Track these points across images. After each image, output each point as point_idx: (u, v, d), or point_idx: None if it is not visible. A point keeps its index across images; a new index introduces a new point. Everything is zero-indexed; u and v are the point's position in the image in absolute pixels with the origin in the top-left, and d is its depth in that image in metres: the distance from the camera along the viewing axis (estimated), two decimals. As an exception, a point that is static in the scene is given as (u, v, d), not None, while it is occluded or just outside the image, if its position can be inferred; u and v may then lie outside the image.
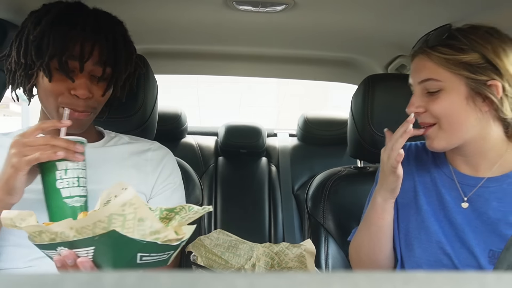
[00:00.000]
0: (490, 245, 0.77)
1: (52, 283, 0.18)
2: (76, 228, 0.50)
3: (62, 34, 0.77)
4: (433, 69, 0.77)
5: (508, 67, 0.75)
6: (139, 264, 0.51)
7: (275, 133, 2.07)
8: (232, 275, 0.19)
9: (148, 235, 0.49)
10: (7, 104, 11.48)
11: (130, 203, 0.48)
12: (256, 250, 0.96)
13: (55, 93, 0.79)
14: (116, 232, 0.48)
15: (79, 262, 0.52)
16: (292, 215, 1.71)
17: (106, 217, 0.48)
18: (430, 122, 0.78)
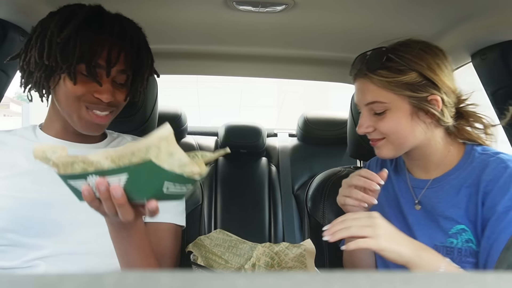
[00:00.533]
0: (434, 241, 0.84)
1: (52, 283, 0.18)
2: (112, 158, 0.54)
3: (90, 38, 0.77)
4: (377, 92, 0.82)
5: (444, 80, 0.81)
6: (164, 194, 0.56)
7: (275, 133, 2.07)
8: (232, 275, 0.19)
9: (176, 167, 0.54)
10: (7, 104, 11.49)
11: (166, 138, 0.53)
12: (256, 250, 0.96)
13: (78, 95, 0.80)
14: (152, 162, 0.53)
15: (112, 188, 0.55)
16: (292, 215, 1.71)
17: (145, 147, 0.53)
18: (379, 137, 0.85)
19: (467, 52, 1.13)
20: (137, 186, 0.56)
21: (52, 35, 0.77)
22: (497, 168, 0.79)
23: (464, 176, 0.83)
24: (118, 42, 0.80)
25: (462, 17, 1.00)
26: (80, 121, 0.83)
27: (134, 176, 0.55)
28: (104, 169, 0.55)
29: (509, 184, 0.76)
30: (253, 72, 1.66)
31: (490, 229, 0.77)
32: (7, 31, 0.97)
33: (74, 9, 0.80)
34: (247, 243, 1.05)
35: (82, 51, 0.77)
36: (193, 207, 1.05)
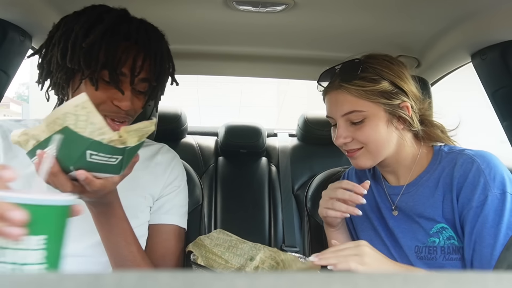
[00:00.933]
0: (415, 242, 0.87)
1: (52, 283, 0.18)
2: (44, 128, 0.57)
3: (115, 45, 0.76)
4: (355, 102, 0.85)
5: (411, 88, 0.87)
6: (90, 163, 0.58)
7: (275, 133, 2.06)
8: (232, 275, 0.19)
9: (96, 135, 0.57)
10: (7, 104, 11.50)
11: (82, 106, 0.55)
12: (261, 253, 0.96)
13: (97, 102, 0.78)
14: (69, 129, 0.56)
15: (44, 156, 0.57)
16: (292, 215, 1.71)
17: (62, 114, 0.55)
18: (357, 147, 0.87)
19: (467, 52, 1.13)
20: (63, 154, 0.58)
21: (77, 38, 0.75)
22: (465, 163, 0.82)
23: (436, 176, 0.86)
24: (143, 50, 0.79)
25: (462, 17, 1.00)
26: None
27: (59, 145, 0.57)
28: (41, 140, 0.58)
29: (478, 177, 0.79)
30: (253, 72, 1.66)
31: (470, 225, 0.79)
32: (7, 31, 0.97)
33: (100, 13, 0.78)
34: (247, 243, 1.05)
35: (106, 58, 0.75)
36: (193, 207, 1.05)
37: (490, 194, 0.77)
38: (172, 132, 1.81)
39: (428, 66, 1.31)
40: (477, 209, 0.78)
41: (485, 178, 0.78)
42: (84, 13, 0.79)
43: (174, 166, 0.97)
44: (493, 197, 0.77)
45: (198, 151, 1.86)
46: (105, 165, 0.60)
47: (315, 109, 1.94)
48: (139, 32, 0.79)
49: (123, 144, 0.59)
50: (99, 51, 0.75)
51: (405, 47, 1.27)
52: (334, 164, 1.32)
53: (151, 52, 0.80)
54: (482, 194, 0.78)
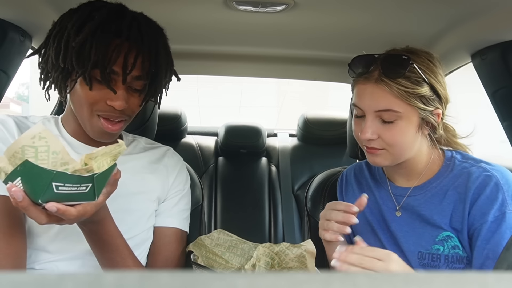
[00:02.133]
0: (419, 248, 0.85)
1: (52, 283, 0.18)
2: (7, 161, 0.56)
3: (106, 42, 0.73)
4: (393, 101, 0.79)
5: (447, 95, 0.83)
6: (59, 194, 0.56)
7: (275, 133, 2.06)
8: (232, 275, 0.19)
9: (59, 166, 0.55)
10: (7, 104, 11.49)
11: (39, 136, 0.54)
12: (256, 250, 0.96)
13: (91, 102, 0.76)
14: (29, 162, 0.54)
15: (13, 191, 0.56)
16: (292, 215, 1.71)
17: (20, 148, 0.54)
18: (380, 147, 0.83)
19: (467, 52, 1.13)
20: (29, 187, 0.56)
21: (69, 36, 0.73)
22: (481, 176, 0.79)
23: (446, 184, 0.84)
24: (135, 46, 0.76)
25: (462, 17, 1.00)
26: (92, 128, 0.80)
27: (23, 178, 0.56)
28: (8, 173, 0.56)
29: (496, 193, 0.77)
30: (253, 72, 1.66)
31: (483, 240, 0.77)
32: (7, 31, 0.96)
33: (93, 10, 0.76)
34: (247, 243, 1.05)
35: (98, 56, 0.73)
36: (193, 207, 1.05)
37: (508, 212, 0.76)
38: (172, 132, 1.81)
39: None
40: (493, 224, 0.76)
41: (504, 195, 0.77)
42: (78, 10, 0.77)
43: (180, 170, 0.97)
44: (510, 215, 0.76)
45: (198, 151, 1.86)
46: (76, 194, 0.58)
47: (315, 109, 1.95)
48: (131, 29, 0.75)
49: (89, 172, 0.57)
50: (90, 49, 0.72)
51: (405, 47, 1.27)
52: (334, 164, 1.32)
53: (144, 48, 0.76)
54: (499, 210, 0.76)
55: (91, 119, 0.78)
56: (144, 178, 0.89)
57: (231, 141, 1.82)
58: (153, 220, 0.91)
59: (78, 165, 0.56)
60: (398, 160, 0.85)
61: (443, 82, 0.83)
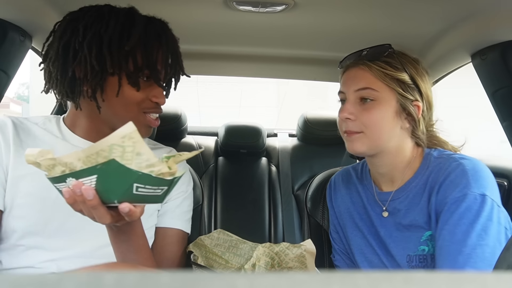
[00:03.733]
0: (407, 251, 0.84)
1: (52, 283, 0.18)
2: (82, 159, 0.54)
3: (151, 45, 0.80)
4: (372, 80, 0.83)
5: (427, 92, 0.86)
6: (136, 195, 0.55)
7: (275, 133, 2.06)
8: (232, 275, 0.19)
9: (144, 167, 0.54)
10: (7, 104, 11.49)
11: (129, 136, 0.52)
12: (256, 250, 0.96)
13: (138, 101, 0.82)
14: (116, 161, 0.52)
15: (83, 189, 0.55)
16: (292, 215, 1.71)
17: (108, 146, 0.52)
18: (357, 130, 0.84)
19: (467, 52, 1.13)
20: (107, 187, 0.55)
21: (111, 42, 0.77)
22: (451, 166, 0.80)
23: (423, 182, 0.84)
24: (166, 45, 0.83)
25: (462, 17, 1.00)
26: (139, 125, 0.81)
27: (102, 177, 0.55)
28: (77, 170, 0.55)
29: (461, 178, 0.77)
30: (253, 72, 1.66)
31: (442, 221, 0.77)
32: (7, 31, 0.96)
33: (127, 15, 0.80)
34: (247, 243, 1.05)
35: (147, 58, 0.79)
36: (193, 207, 1.04)
37: (469, 193, 0.75)
38: (172, 132, 1.81)
39: (428, 66, 1.31)
40: (452, 206, 0.76)
41: (468, 179, 0.76)
42: (102, 16, 0.79)
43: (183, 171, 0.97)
44: (471, 196, 0.74)
45: (198, 151, 1.86)
46: (150, 196, 0.57)
47: (315, 109, 1.95)
48: (165, 31, 0.84)
49: (172, 176, 0.57)
50: (139, 53, 0.78)
51: (406, 47, 1.27)
52: (334, 164, 1.32)
53: (169, 47, 0.84)
54: (460, 192, 0.75)
55: (138, 117, 0.83)
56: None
57: (231, 141, 1.82)
58: (154, 220, 0.91)
59: (165, 168, 0.55)
60: (375, 147, 0.85)
61: (426, 81, 0.86)
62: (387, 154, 0.86)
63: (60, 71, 0.79)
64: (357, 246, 0.94)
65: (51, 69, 0.80)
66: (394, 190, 0.88)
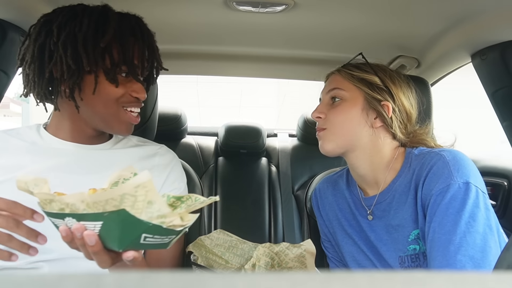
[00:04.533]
0: (398, 252, 0.84)
1: (52, 283, 0.18)
2: (88, 202, 0.52)
3: (126, 40, 0.80)
4: (341, 81, 0.90)
5: (399, 95, 0.88)
6: (142, 244, 0.53)
7: (275, 133, 2.06)
8: (232, 275, 0.19)
9: (155, 218, 0.51)
10: (7, 104, 11.49)
11: (143, 186, 0.50)
12: (256, 250, 0.96)
13: (117, 97, 0.82)
14: (126, 211, 0.50)
15: (85, 234, 0.53)
16: (292, 215, 1.71)
17: (119, 195, 0.50)
18: (322, 127, 0.89)
19: (467, 52, 1.13)
20: (112, 234, 0.53)
21: (86, 40, 0.77)
22: (432, 160, 0.80)
23: (408, 180, 0.84)
24: (141, 40, 0.83)
25: (462, 17, 1.00)
26: (120, 123, 0.85)
27: (109, 224, 0.52)
28: (79, 212, 0.52)
29: (443, 169, 0.77)
30: (253, 72, 1.66)
31: (430, 213, 0.77)
32: (7, 31, 0.97)
33: (101, 12, 0.80)
34: (247, 243, 1.05)
35: (123, 54, 0.79)
36: (193, 207, 1.04)
37: (452, 182, 0.75)
38: (172, 132, 1.81)
39: (428, 66, 1.31)
40: (438, 197, 0.76)
41: (449, 169, 0.76)
42: (76, 15, 0.79)
43: (173, 168, 0.96)
44: (455, 186, 0.75)
45: (198, 151, 1.86)
46: (156, 245, 0.55)
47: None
48: (140, 26, 0.84)
49: (183, 226, 0.54)
50: (115, 49, 0.78)
51: (405, 47, 1.27)
52: (334, 164, 1.32)
53: (145, 41, 0.84)
54: (444, 182, 0.76)
55: (118, 113, 0.84)
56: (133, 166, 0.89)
57: (231, 141, 1.82)
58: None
59: (177, 219, 0.53)
60: (343, 143, 0.88)
61: (400, 86, 0.89)
62: (361, 153, 0.88)
63: (37, 73, 0.79)
64: (349, 252, 0.94)
65: (28, 72, 0.80)
66: (379, 193, 0.89)
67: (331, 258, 1.04)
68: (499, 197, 1.15)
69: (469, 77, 1.21)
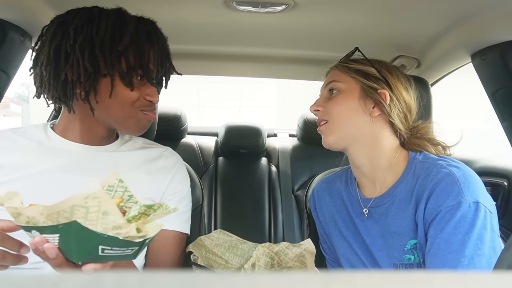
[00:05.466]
0: (392, 259, 0.83)
1: (52, 283, 0.18)
2: (45, 215, 0.51)
3: (143, 45, 0.81)
4: (337, 75, 0.92)
5: (397, 84, 0.88)
6: (102, 256, 0.52)
7: (275, 133, 2.06)
8: (232, 275, 0.19)
9: (110, 229, 0.50)
10: (7, 104, 11.49)
11: (93, 196, 0.49)
12: (256, 250, 0.96)
13: (133, 100, 0.82)
14: (78, 223, 0.49)
15: (45, 247, 0.53)
16: (292, 215, 1.71)
17: (69, 207, 0.49)
18: (323, 119, 0.90)
19: (467, 52, 1.13)
20: (70, 247, 0.52)
21: (103, 43, 0.77)
22: (439, 173, 0.78)
23: (410, 188, 0.82)
24: (157, 44, 0.84)
25: (462, 17, 1.00)
26: (137, 123, 0.86)
27: (64, 236, 0.51)
28: (39, 225, 0.52)
29: (452, 186, 0.75)
30: (253, 72, 1.66)
31: (436, 229, 0.75)
32: (7, 31, 0.96)
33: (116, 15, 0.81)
34: (247, 243, 1.05)
35: (140, 58, 0.80)
36: (193, 207, 1.04)
37: (464, 201, 0.73)
38: (172, 132, 1.81)
39: (428, 66, 1.31)
40: (447, 214, 0.74)
41: (459, 187, 0.74)
42: (92, 18, 0.79)
43: (178, 171, 0.96)
44: (466, 204, 0.73)
45: (198, 151, 1.86)
46: (119, 256, 0.54)
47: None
48: (155, 30, 0.85)
49: (142, 238, 0.53)
50: (131, 53, 0.79)
51: (405, 47, 1.27)
52: (334, 164, 1.32)
53: (160, 46, 0.85)
54: (454, 200, 0.74)
55: (136, 115, 0.84)
56: (137, 177, 0.88)
57: (231, 141, 1.82)
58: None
59: (133, 231, 0.51)
60: (344, 135, 0.88)
61: (397, 77, 0.89)
62: (361, 146, 0.88)
63: (52, 75, 0.79)
64: (344, 255, 0.94)
65: (43, 73, 0.80)
66: (379, 195, 0.87)
67: (328, 260, 1.03)
68: (499, 197, 1.15)
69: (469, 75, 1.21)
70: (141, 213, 0.59)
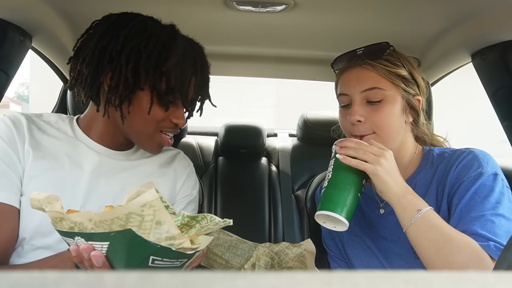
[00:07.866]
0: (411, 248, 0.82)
1: (52, 283, 0.18)
2: (95, 221, 0.50)
3: (187, 70, 0.80)
4: (378, 79, 0.83)
5: (423, 85, 0.88)
6: (151, 267, 0.50)
7: (275, 133, 2.06)
8: (232, 275, 0.19)
9: (163, 240, 0.49)
10: (7, 104, 11.49)
11: (150, 205, 0.47)
12: (256, 250, 0.96)
13: (159, 119, 0.82)
14: (132, 232, 0.48)
15: (92, 255, 0.52)
16: (292, 215, 1.71)
17: (125, 215, 0.48)
18: (369, 132, 0.84)
19: (467, 52, 1.13)
20: (119, 256, 0.51)
21: (149, 58, 0.76)
22: (462, 154, 0.83)
23: (429, 177, 0.85)
24: (200, 72, 0.84)
25: (462, 17, 1.00)
26: (150, 142, 0.85)
27: (115, 245, 0.50)
28: (87, 231, 0.50)
29: (472, 161, 0.80)
30: (253, 72, 1.66)
31: (458, 196, 0.78)
32: (7, 31, 0.96)
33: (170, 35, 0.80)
34: (247, 243, 1.05)
35: (180, 81, 0.79)
36: (193, 207, 1.04)
37: (484, 172, 0.78)
38: (172, 132, 1.81)
39: (428, 66, 1.31)
40: (469, 183, 0.78)
41: (480, 161, 0.80)
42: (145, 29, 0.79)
43: (189, 175, 0.97)
44: (486, 174, 0.78)
45: (198, 151, 1.86)
46: (166, 268, 0.52)
47: (315, 109, 1.94)
48: (200, 56, 0.84)
49: (194, 250, 0.52)
50: (170, 74, 0.78)
51: (406, 47, 1.26)
52: (334, 164, 1.32)
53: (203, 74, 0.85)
54: (476, 171, 0.79)
55: (154, 135, 0.84)
56: (154, 182, 0.89)
57: (231, 141, 1.82)
58: None
59: (187, 242, 0.50)
60: (390, 146, 0.84)
61: (420, 76, 0.88)
62: (391, 147, 0.85)
63: (91, 74, 0.79)
64: (354, 250, 0.94)
65: (83, 70, 0.79)
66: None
67: (333, 257, 1.03)
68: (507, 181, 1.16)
69: (469, 74, 1.21)
70: (183, 224, 0.57)
